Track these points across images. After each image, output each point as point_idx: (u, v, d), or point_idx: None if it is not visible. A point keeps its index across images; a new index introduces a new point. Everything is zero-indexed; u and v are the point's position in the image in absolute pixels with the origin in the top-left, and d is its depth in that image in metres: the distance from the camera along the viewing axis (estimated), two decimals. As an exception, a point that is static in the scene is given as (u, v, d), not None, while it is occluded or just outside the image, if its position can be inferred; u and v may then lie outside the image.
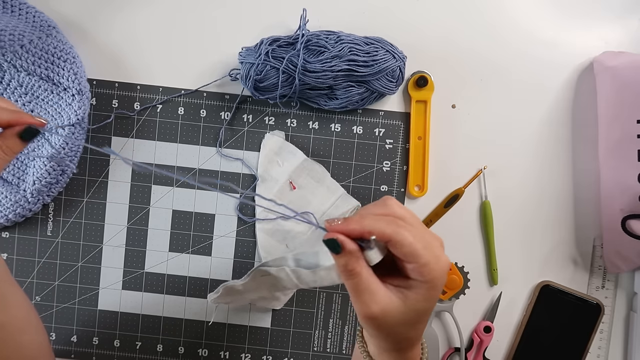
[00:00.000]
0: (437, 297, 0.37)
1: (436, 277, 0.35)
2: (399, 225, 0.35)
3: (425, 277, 0.35)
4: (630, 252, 0.56)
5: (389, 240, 0.35)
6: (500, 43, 0.59)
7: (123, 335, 0.61)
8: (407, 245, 0.34)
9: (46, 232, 0.60)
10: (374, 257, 0.35)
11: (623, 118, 0.54)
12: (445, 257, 0.36)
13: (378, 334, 0.38)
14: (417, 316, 0.37)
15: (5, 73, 0.56)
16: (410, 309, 0.36)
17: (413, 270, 0.35)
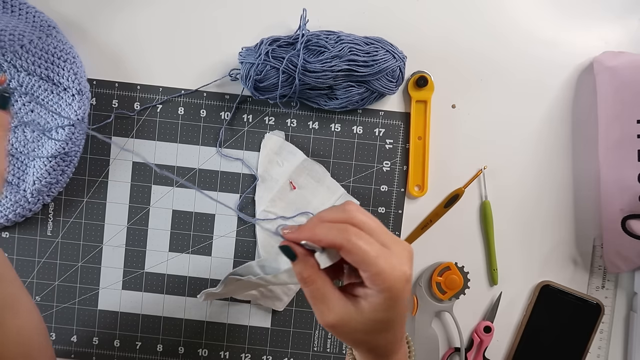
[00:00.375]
0: (401, 307, 0.36)
1: (391, 287, 0.34)
2: (352, 233, 0.34)
3: (379, 286, 0.34)
4: (630, 252, 0.56)
5: (339, 248, 0.34)
6: (500, 43, 0.59)
7: (123, 335, 0.61)
8: (357, 254, 0.34)
9: (46, 232, 0.60)
10: (323, 262, 0.35)
11: (623, 118, 0.54)
12: (404, 267, 0.35)
13: (346, 342, 0.38)
14: (379, 325, 0.36)
15: (5, 73, 0.56)
16: (368, 319, 0.36)
17: (367, 279, 0.35)
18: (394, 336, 0.38)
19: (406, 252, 0.36)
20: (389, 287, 0.34)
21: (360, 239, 0.34)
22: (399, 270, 0.34)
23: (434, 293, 0.58)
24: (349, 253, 0.34)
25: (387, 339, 0.38)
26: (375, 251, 0.34)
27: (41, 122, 0.57)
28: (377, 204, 0.60)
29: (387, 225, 0.60)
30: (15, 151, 0.57)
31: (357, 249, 0.34)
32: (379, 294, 0.34)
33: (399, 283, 0.34)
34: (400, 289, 0.34)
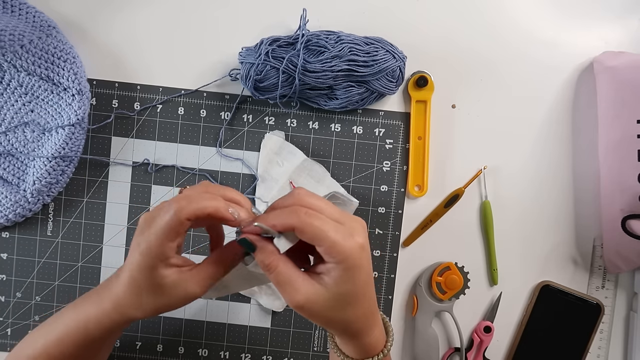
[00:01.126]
0: (362, 277, 0.37)
1: (347, 257, 0.36)
2: (302, 213, 0.36)
3: (336, 257, 0.36)
4: (630, 252, 0.56)
5: (292, 228, 0.36)
6: (500, 43, 0.59)
7: (123, 335, 0.61)
8: (309, 231, 0.35)
9: (46, 232, 0.60)
10: (282, 246, 0.37)
11: (623, 118, 0.54)
12: (358, 237, 0.36)
13: (318, 322, 0.39)
14: (344, 299, 0.37)
15: (5, 73, 0.56)
16: (333, 293, 0.37)
17: (324, 253, 0.36)
18: (363, 311, 0.39)
19: (358, 224, 0.38)
20: (345, 258, 0.36)
21: (311, 216, 0.36)
22: (351, 240, 0.36)
23: (434, 293, 0.58)
24: (302, 231, 0.36)
25: (357, 314, 0.39)
26: (326, 225, 0.36)
27: (41, 122, 0.57)
28: (377, 204, 0.60)
29: (387, 225, 0.60)
30: (15, 151, 0.57)
31: (309, 226, 0.35)
32: (338, 265, 0.36)
33: (354, 252, 0.36)
34: (356, 257, 0.36)
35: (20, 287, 0.60)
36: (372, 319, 0.41)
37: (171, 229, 0.37)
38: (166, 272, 0.39)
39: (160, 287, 0.39)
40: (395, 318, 0.61)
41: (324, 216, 0.36)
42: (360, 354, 0.41)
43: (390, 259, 0.60)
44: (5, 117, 0.57)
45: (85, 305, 0.42)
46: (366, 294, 0.39)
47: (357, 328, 0.40)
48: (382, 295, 0.61)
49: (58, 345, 0.42)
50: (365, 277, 0.38)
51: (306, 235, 0.36)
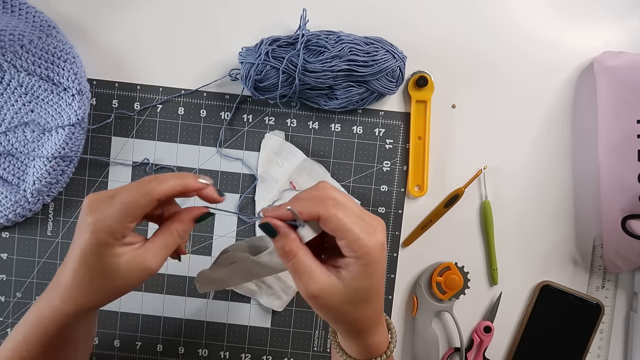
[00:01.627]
0: (379, 275, 0.37)
1: (368, 252, 0.36)
2: (328, 205, 0.36)
3: (357, 252, 0.36)
4: (630, 252, 0.56)
5: (317, 217, 0.36)
6: (500, 43, 0.59)
7: (123, 335, 0.61)
8: (335, 221, 0.35)
9: (46, 232, 0.60)
10: (306, 235, 0.37)
11: (623, 118, 0.54)
12: (379, 235, 0.37)
13: (327, 317, 0.39)
14: (359, 295, 0.37)
15: (5, 73, 0.56)
16: (349, 288, 0.37)
17: (345, 247, 0.36)
18: (374, 310, 0.39)
19: (379, 224, 0.38)
20: (366, 253, 0.36)
21: (338, 209, 0.36)
22: (374, 237, 0.36)
23: (434, 293, 0.58)
24: (327, 221, 0.36)
25: (367, 313, 0.39)
26: (351, 219, 0.36)
27: (41, 122, 0.57)
28: (377, 204, 0.60)
29: (387, 225, 0.60)
30: (15, 151, 0.57)
31: (335, 217, 0.35)
32: (357, 260, 0.36)
33: (376, 249, 0.36)
34: (377, 254, 0.36)
35: (20, 287, 0.60)
36: (379, 319, 0.41)
37: (138, 208, 0.36)
38: (121, 250, 0.37)
39: (114, 268, 0.38)
40: (395, 318, 0.61)
41: (349, 210, 0.36)
42: (364, 354, 0.41)
43: (390, 259, 0.60)
44: (5, 117, 0.57)
45: (40, 302, 0.41)
46: (380, 292, 0.39)
47: (364, 326, 0.40)
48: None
49: (25, 345, 0.41)
50: (382, 276, 0.38)
51: (331, 225, 0.36)
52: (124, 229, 0.37)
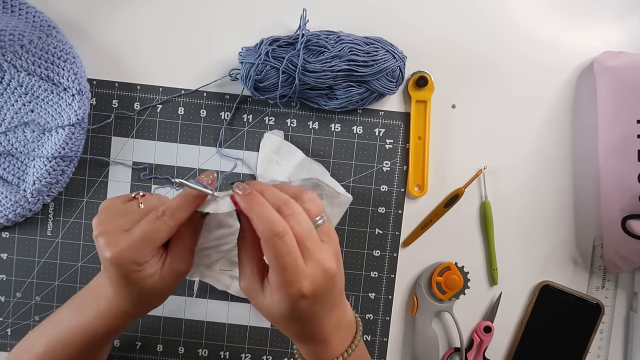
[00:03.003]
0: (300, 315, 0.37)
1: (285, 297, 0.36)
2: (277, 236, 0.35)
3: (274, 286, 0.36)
4: (630, 252, 0.56)
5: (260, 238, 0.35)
6: (500, 43, 0.59)
7: (123, 335, 0.61)
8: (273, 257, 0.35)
9: (46, 232, 0.60)
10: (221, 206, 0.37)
11: (623, 118, 0.54)
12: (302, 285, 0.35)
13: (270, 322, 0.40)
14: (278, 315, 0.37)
15: (5, 73, 0.56)
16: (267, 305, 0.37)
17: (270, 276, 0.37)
18: (303, 331, 0.39)
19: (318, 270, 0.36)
20: (281, 293, 0.36)
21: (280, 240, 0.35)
22: (295, 286, 0.35)
23: (434, 293, 0.58)
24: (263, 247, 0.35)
25: (294, 330, 0.39)
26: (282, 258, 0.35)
27: (41, 122, 0.57)
28: (377, 204, 0.60)
29: (387, 225, 0.60)
30: (15, 151, 0.57)
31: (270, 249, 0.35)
32: (275, 292, 0.36)
33: (291, 296, 0.35)
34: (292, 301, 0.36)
35: (20, 287, 0.60)
36: (317, 337, 0.39)
37: (161, 236, 0.37)
38: (151, 270, 0.38)
39: (151, 287, 0.39)
40: (395, 318, 0.61)
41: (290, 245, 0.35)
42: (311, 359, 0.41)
43: (390, 259, 0.60)
44: (5, 117, 0.57)
45: (88, 311, 0.42)
46: (305, 322, 0.38)
47: (297, 339, 0.40)
48: (382, 295, 0.61)
49: (64, 348, 0.42)
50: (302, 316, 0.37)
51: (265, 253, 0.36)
52: (147, 257, 0.37)
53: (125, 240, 0.37)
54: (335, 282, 0.38)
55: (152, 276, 0.38)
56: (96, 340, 0.42)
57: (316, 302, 0.37)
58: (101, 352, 0.47)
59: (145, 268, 0.38)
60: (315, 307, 0.37)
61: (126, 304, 0.40)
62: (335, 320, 0.40)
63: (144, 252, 0.37)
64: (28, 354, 0.43)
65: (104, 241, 0.37)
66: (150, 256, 0.38)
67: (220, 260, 0.50)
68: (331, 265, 0.36)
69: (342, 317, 0.41)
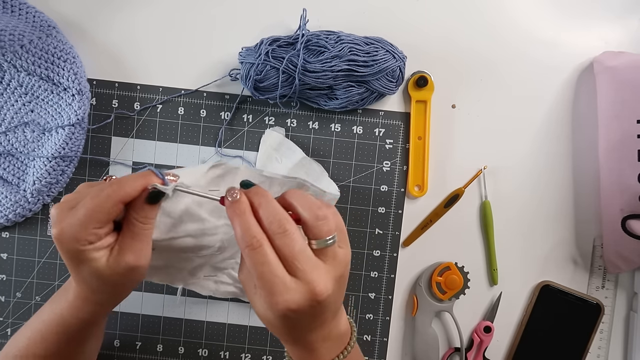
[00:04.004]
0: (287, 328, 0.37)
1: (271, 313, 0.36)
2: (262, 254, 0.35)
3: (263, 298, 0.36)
4: (630, 252, 0.56)
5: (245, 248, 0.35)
6: (500, 43, 0.59)
7: (123, 335, 0.61)
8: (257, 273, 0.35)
9: (46, 232, 0.60)
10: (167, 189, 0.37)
11: (623, 118, 0.54)
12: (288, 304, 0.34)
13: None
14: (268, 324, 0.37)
15: (5, 73, 0.56)
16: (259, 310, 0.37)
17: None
18: (293, 341, 0.39)
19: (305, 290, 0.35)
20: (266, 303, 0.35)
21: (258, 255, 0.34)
22: (278, 301, 0.34)
23: (434, 293, 0.58)
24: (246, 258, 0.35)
25: (285, 335, 0.39)
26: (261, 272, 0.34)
27: (41, 122, 0.57)
28: (377, 204, 0.60)
29: (387, 225, 0.60)
30: (15, 151, 0.57)
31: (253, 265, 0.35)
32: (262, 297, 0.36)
33: (275, 309, 0.35)
34: (274, 312, 0.35)
35: (20, 287, 0.60)
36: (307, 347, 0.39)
37: (103, 212, 0.35)
38: (97, 254, 0.37)
39: (98, 272, 0.37)
40: (395, 318, 0.61)
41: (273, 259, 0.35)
42: None
43: (390, 259, 0.60)
44: (5, 117, 0.57)
45: (60, 301, 0.42)
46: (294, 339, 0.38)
47: (284, 342, 0.40)
48: (382, 295, 0.61)
49: (42, 342, 0.42)
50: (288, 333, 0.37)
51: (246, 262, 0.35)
52: (90, 235, 0.36)
53: (69, 217, 0.36)
54: (327, 305, 0.37)
55: (98, 260, 0.37)
56: (69, 332, 0.42)
57: (301, 320, 0.36)
58: (81, 350, 0.45)
59: (90, 250, 0.36)
60: (301, 323, 0.36)
61: (84, 289, 0.39)
62: (325, 333, 0.39)
63: (87, 229, 0.35)
64: (14, 348, 0.43)
65: (52, 220, 0.36)
66: (94, 236, 0.36)
67: (203, 267, 0.49)
68: (323, 289, 0.35)
69: (333, 330, 0.40)
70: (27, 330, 0.44)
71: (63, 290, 0.43)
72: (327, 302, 0.36)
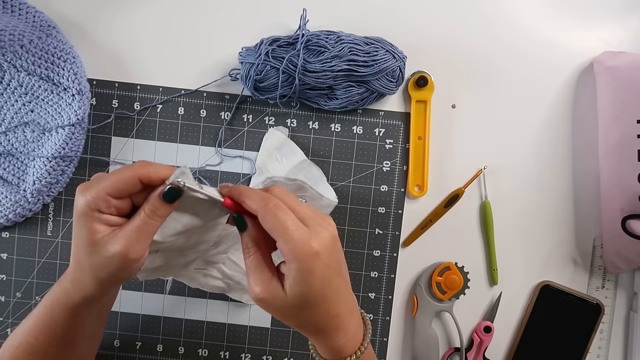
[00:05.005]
0: (316, 283, 0.37)
1: (298, 258, 0.36)
2: (269, 204, 0.36)
3: (287, 256, 0.36)
4: (630, 252, 0.56)
5: (256, 213, 0.37)
6: (500, 43, 0.59)
7: (123, 335, 0.61)
8: (270, 221, 0.36)
9: (46, 232, 0.60)
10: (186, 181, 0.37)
11: (623, 118, 0.54)
12: (313, 243, 0.36)
13: (275, 316, 0.39)
14: (298, 302, 0.37)
15: (5, 73, 0.56)
16: (289, 294, 0.37)
17: (280, 249, 0.36)
18: (321, 315, 0.39)
19: (325, 232, 0.37)
20: (296, 258, 0.36)
21: (277, 209, 0.36)
22: (307, 243, 0.36)
23: (434, 293, 0.58)
24: (263, 220, 0.36)
25: (313, 318, 0.39)
26: (288, 222, 0.36)
27: (41, 122, 0.57)
28: (377, 204, 0.60)
29: (387, 225, 0.60)
30: (15, 151, 0.57)
31: (270, 217, 0.36)
32: (290, 264, 0.36)
33: (306, 256, 0.36)
34: (307, 262, 0.36)
35: (20, 287, 0.60)
36: (333, 323, 0.40)
37: (121, 182, 0.36)
38: (100, 227, 0.37)
39: (94, 244, 0.37)
40: (395, 318, 0.61)
41: (289, 213, 0.36)
42: (330, 355, 0.41)
43: (390, 259, 0.60)
44: (5, 117, 0.57)
45: (55, 289, 0.42)
46: (324, 297, 0.38)
47: (317, 329, 0.40)
48: (382, 295, 0.61)
49: (33, 330, 0.43)
50: (320, 283, 0.37)
51: (267, 225, 0.36)
52: (102, 201, 0.36)
53: (94, 182, 0.37)
54: (339, 249, 0.39)
55: (95, 232, 0.37)
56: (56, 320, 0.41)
57: (330, 264, 0.37)
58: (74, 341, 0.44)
59: (95, 218, 0.36)
60: (330, 270, 0.37)
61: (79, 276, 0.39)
62: (350, 304, 0.41)
63: (102, 194, 0.36)
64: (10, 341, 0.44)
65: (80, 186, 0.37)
66: (105, 203, 0.36)
67: (196, 260, 0.49)
68: (333, 229, 0.38)
69: (354, 304, 0.42)
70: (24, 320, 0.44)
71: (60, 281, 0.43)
72: (338, 243, 0.39)
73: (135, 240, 0.37)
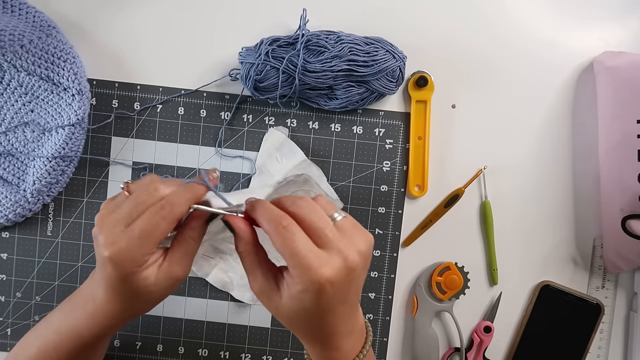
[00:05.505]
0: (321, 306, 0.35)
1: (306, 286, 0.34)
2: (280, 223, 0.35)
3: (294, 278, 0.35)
4: (630, 252, 0.56)
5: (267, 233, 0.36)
6: (500, 43, 0.59)
7: (123, 335, 0.61)
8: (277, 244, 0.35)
9: (46, 232, 0.60)
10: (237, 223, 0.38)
11: (623, 118, 0.54)
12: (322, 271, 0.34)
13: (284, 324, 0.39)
14: (295, 314, 0.37)
15: (5, 73, 0.56)
16: (286, 303, 0.36)
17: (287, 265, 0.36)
18: (316, 330, 0.38)
19: (340, 260, 0.35)
20: (302, 282, 0.35)
21: (287, 231, 0.35)
22: (316, 272, 0.34)
23: (434, 293, 0.58)
24: (274, 241, 0.35)
25: (306, 330, 0.38)
26: (297, 247, 0.34)
27: (41, 122, 0.57)
28: (377, 204, 0.60)
29: (387, 225, 0.60)
30: (15, 151, 0.57)
31: (281, 239, 0.34)
32: (296, 281, 0.35)
33: (313, 284, 0.34)
34: (313, 290, 0.34)
35: (20, 287, 0.60)
36: (327, 340, 0.39)
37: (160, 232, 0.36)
38: (148, 272, 0.37)
39: (146, 290, 0.38)
40: (395, 318, 0.61)
41: (301, 236, 0.35)
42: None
43: (390, 259, 0.60)
44: (5, 117, 0.57)
45: (76, 314, 0.42)
46: (321, 319, 0.37)
47: (308, 339, 0.39)
48: (382, 295, 0.61)
49: (55, 352, 0.42)
50: (319, 309, 0.36)
51: (276, 246, 0.35)
52: (146, 256, 0.37)
53: (125, 238, 0.35)
54: (356, 278, 0.36)
55: (147, 278, 0.37)
56: (84, 344, 0.42)
57: (337, 294, 0.35)
58: (93, 356, 0.46)
59: (143, 269, 0.37)
60: (336, 300, 0.36)
61: (115, 307, 0.39)
62: (350, 325, 0.39)
63: (144, 249, 0.36)
64: (23, 356, 0.43)
65: (103, 239, 0.36)
66: (149, 255, 0.37)
67: (204, 244, 0.49)
68: (354, 258, 0.35)
69: (356, 323, 0.40)
70: (36, 339, 0.43)
71: (79, 300, 0.42)
72: (357, 273, 0.36)
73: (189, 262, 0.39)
